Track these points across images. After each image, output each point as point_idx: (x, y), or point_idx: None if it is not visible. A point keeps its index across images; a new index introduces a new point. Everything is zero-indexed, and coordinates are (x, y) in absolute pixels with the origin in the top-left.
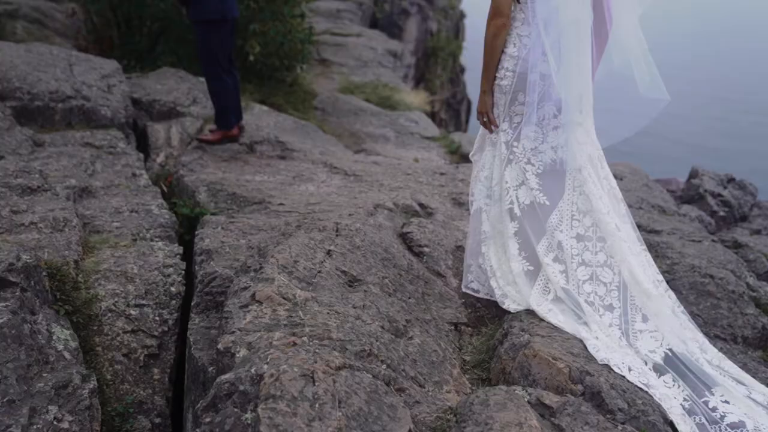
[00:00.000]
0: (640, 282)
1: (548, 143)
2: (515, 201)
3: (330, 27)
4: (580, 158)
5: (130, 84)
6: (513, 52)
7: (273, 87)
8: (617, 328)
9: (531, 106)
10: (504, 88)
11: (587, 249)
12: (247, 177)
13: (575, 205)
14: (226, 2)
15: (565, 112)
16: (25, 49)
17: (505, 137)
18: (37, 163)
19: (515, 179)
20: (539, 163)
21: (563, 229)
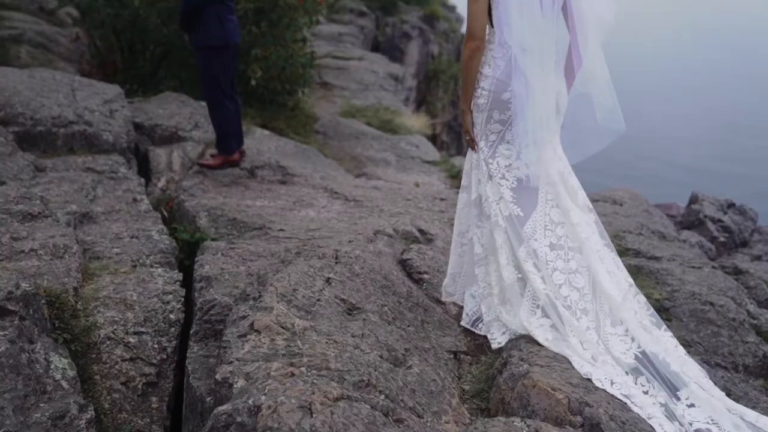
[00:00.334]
0: (605, 290)
1: (521, 160)
2: (499, 214)
3: (332, 50)
4: (552, 173)
5: (133, 109)
6: (488, 73)
7: (274, 111)
8: (594, 330)
9: (505, 123)
10: (481, 107)
11: (560, 257)
12: (248, 202)
13: (548, 216)
14: (227, 28)
15: (536, 130)
16: (28, 74)
17: (483, 155)
18: (38, 189)
19: (495, 194)
20: (513, 178)
21: (537, 238)
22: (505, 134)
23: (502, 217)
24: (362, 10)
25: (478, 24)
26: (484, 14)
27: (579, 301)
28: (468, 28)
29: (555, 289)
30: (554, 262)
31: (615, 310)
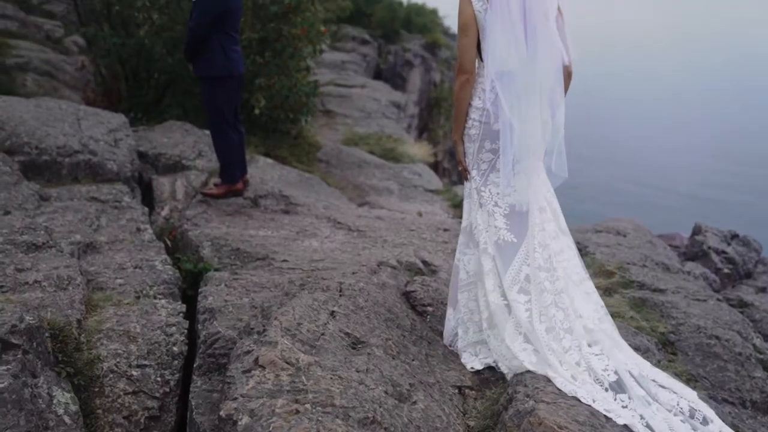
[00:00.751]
0: (581, 315)
1: (512, 187)
2: (488, 241)
3: (334, 78)
4: (540, 199)
5: (137, 137)
6: (478, 104)
7: (278, 139)
8: (576, 350)
9: (496, 152)
10: (472, 137)
11: (547, 279)
12: (251, 232)
13: (536, 239)
14: (232, 59)
15: (525, 159)
16: (34, 104)
17: (475, 184)
18: (42, 218)
19: (485, 221)
20: (505, 205)
21: (529, 263)
22: (496, 163)
23: (491, 244)
24: (365, 38)
25: (468, 57)
26: (473, 48)
27: (564, 321)
28: (458, 62)
29: (541, 312)
30: (543, 283)
31: (590, 331)
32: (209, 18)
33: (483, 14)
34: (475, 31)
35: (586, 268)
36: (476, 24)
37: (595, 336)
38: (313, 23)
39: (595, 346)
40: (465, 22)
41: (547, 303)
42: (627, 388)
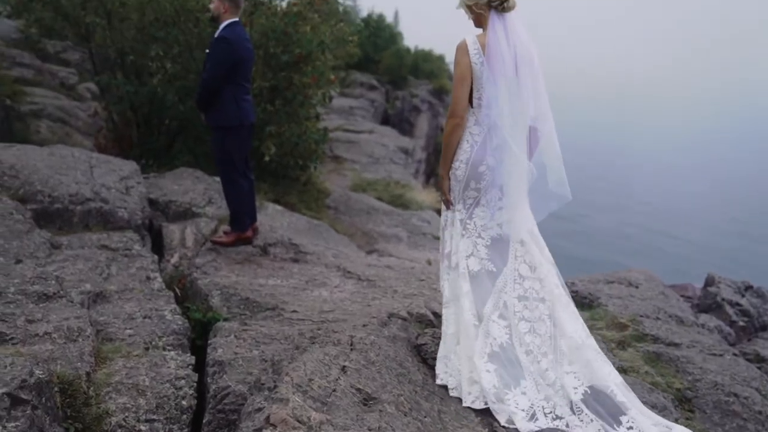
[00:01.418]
0: (567, 333)
1: (495, 221)
2: (467, 267)
3: (343, 123)
4: (522, 232)
5: (148, 184)
6: (466, 147)
7: (287, 186)
8: (552, 371)
9: (480, 191)
10: (458, 177)
11: (526, 307)
12: (261, 281)
13: (517, 271)
14: (243, 109)
15: (507, 196)
16: (48, 152)
17: (460, 216)
18: (53, 267)
19: (467, 250)
20: (488, 237)
21: (507, 291)
22: (480, 199)
23: (470, 272)
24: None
25: (461, 105)
26: (467, 96)
27: (541, 346)
28: (451, 108)
29: (519, 337)
30: (521, 312)
31: (573, 350)
32: (222, 69)
33: (479, 66)
34: (470, 81)
35: (598, 320)
36: (471, 75)
37: (578, 355)
38: (323, 72)
39: (575, 365)
40: (462, 73)
41: (525, 330)
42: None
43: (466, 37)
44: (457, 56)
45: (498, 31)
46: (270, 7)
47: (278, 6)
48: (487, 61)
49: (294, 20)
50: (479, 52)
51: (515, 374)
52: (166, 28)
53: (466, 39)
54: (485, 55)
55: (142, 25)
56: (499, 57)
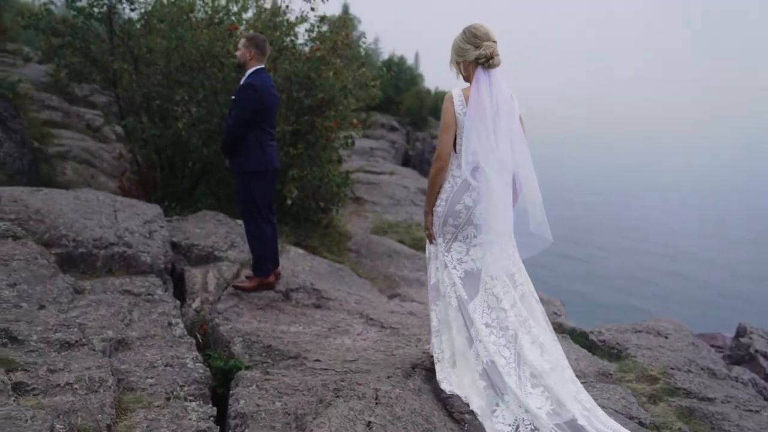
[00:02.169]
0: (528, 360)
1: (470, 256)
2: (452, 295)
3: (363, 164)
4: (494, 269)
5: (171, 228)
6: (447, 188)
7: (309, 229)
8: (518, 389)
9: (457, 227)
10: (439, 213)
11: (492, 333)
12: (283, 327)
13: (486, 302)
14: (268, 154)
15: (483, 234)
16: (74, 196)
17: (441, 249)
18: (76, 313)
19: (449, 280)
20: (462, 270)
21: (476, 318)
22: (458, 235)
23: (455, 297)
24: (393, 125)
25: (446, 150)
26: (451, 142)
27: (505, 367)
28: (437, 152)
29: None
30: (488, 337)
31: (538, 376)
32: (248, 115)
33: (462, 116)
34: (454, 129)
35: (628, 372)
36: (456, 123)
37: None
38: (345, 116)
39: (537, 387)
40: (447, 122)
41: (494, 351)
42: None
43: (453, 90)
44: (444, 106)
45: (482, 85)
46: (294, 52)
47: (302, 51)
48: (470, 111)
49: (317, 65)
50: (463, 104)
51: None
52: (192, 73)
53: (452, 91)
54: (468, 106)
55: (168, 70)
56: (480, 108)
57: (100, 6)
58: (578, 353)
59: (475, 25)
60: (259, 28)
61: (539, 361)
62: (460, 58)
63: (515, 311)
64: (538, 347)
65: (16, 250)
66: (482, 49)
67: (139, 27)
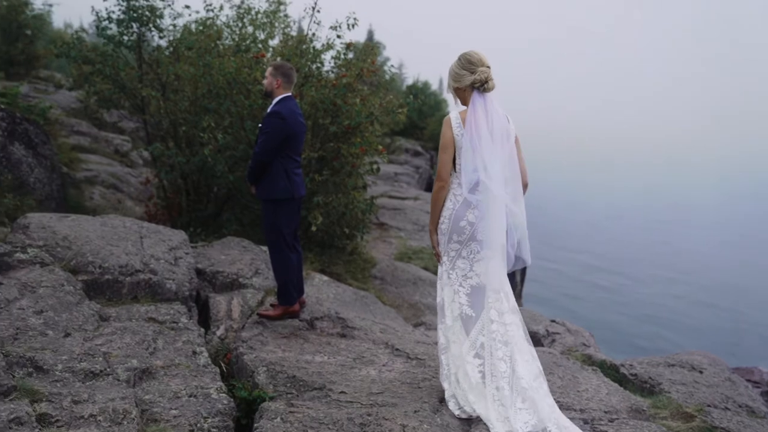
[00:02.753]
0: (519, 375)
1: (474, 271)
2: (452, 315)
3: (388, 190)
4: (496, 282)
5: (196, 254)
6: (450, 206)
7: (333, 255)
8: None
9: (461, 244)
10: (443, 230)
11: (493, 347)
12: (307, 357)
13: (488, 316)
14: (294, 182)
15: (485, 249)
16: (101, 222)
17: (445, 267)
18: (101, 341)
19: (450, 298)
20: (468, 285)
21: (484, 333)
22: (462, 251)
23: (456, 317)
24: (417, 150)
25: (445, 170)
26: (450, 163)
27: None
28: (437, 172)
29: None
30: (497, 351)
31: (524, 391)
32: (274, 143)
33: (460, 138)
34: (453, 149)
35: (662, 409)
36: (454, 144)
37: (530, 394)
38: (371, 142)
39: (527, 402)
40: (445, 143)
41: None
42: None
43: (450, 113)
44: (443, 129)
45: (478, 107)
46: (320, 78)
47: (328, 78)
48: (467, 132)
49: (343, 92)
50: (460, 126)
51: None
52: (218, 99)
53: (450, 114)
54: (465, 128)
55: (195, 97)
56: (477, 128)
57: (129, 34)
58: (609, 387)
59: (469, 52)
60: (286, 55)
61: (528, 375)
62: (457, 84)
63: (513, 325)
64: (527, 358)
65: (43, 276)
66: (477, 75)
67: (168, 54)
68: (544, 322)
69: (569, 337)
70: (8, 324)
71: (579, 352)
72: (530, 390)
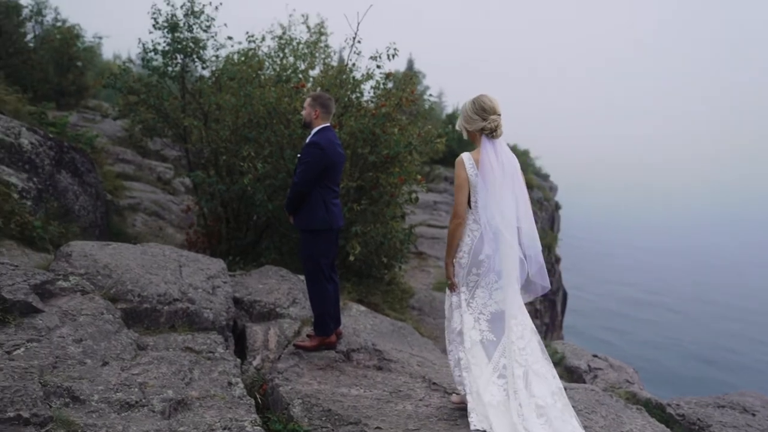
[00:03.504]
0: (534, 393)
1: (493, 299)
2: (470, 339)
3: (426, 218)
4: (514, 308)
5: (234, 283)
6: (468, 241)
7: (371, 285)
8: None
9: (480, 275)
10: (462, 264)
11: (514, 367)
12: (343, 390)
13: (509, 338)
14: (332, 213)
15: (502, 278)
16: (141, 251)
17: (465, 296)
18: (138, 370)
19: (470, 324)
20: (488, 313)
21: (506, 355)
22: (480, 282)
23: (471, 341)
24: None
25: (461, 207)
26: (465, 201)
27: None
28: (454, 209)
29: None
30: (515, 370)
31: (540, 408)
32: (312, 174)
33: (474, 177)
34: (467, 189)
35: None
36: (468, 183)
37: (546, 411)
38: (410, 172)
39: (542, 417)
40: (460, 183)
41: (519, 378)
42: None
43: (463, 155)
44: (457, 169)
45: (489, 151)
46: (359, 108)
47: (367, 107)
48: (481, 173)
49: (382, 121)
50: (474, 166)
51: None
52: (258, 129)
53: (463, 156)
54: (479, 169)
55: (236, 126)
56: (490, 170)
57: (173, 65)
58: (655, 428)
59: (483, 99)
60: (326, 85)
61: (544, 395)
62: (468, 126)
63: (529, 348)
64: (542, 379)
65: (84, 305)
66: (488, 122)
67: (210, 84)
68: (585, 357)
69: (612, 373)
70: (48, 352)
71: (622, 389)
72: (546, 407)
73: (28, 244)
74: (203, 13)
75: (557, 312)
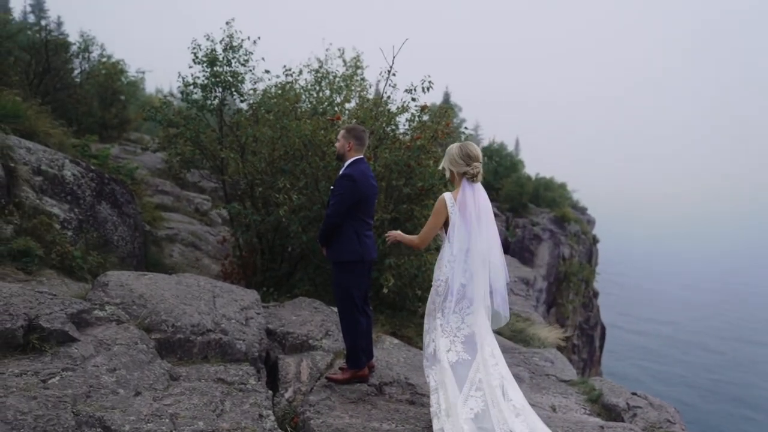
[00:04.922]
0: (511, 397)
1: (465, 323)
2: (446, 360)
3: None
4: (484, 330)
5: (267, 314)
6: (445, 271)
7: (404, 318)
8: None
9: (455, 302)
10: (439, 292)
11: (489, 380)
12: (375, 424)
13: (483, 356)
14: (365, 244)
15: (475, 305)
16: (176, 281)
17: (440, 321)
18: (169, 401)
19: (445, 347)
20: (462, 335)
21: (480, 370)
22: (454, 308)
23: (448, 362)
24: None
25: (429, 234)
26: (436, 228)
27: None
28: (422, 232)
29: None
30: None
31: (516, 409)
32: (345, 206)
33: (454, 215)
34: (443, 218)
35: None
36: (447, 216)
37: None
38: None
39: (520, 416)
40: (439, 209)
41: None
42: None
43: (445, 194)
44: (438, 205)
45: (468, 193)
46: (394, 140)
47: (402, 140)
48: (460, 211)
49: (417, 154)
50: (454, 205)
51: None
52: (294, 161)
53: (445, 195)
54: (457, 208)
55: (272, 159)
56: (467, 210)
57: (212, 98)
58: None
59: (469, 147)
60: (361, 117)
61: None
62: (453, 168)
63: (501, 363)
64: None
65: (118, 334)
66: (471, 168)
67: (247, 117)
68: (624, 395)
69: (652, 412)
70: (82, 381)
71: (663, 429)
72: (522, 409)
73: (67, 273)
74: (241, 48)
75: (595, 347)
